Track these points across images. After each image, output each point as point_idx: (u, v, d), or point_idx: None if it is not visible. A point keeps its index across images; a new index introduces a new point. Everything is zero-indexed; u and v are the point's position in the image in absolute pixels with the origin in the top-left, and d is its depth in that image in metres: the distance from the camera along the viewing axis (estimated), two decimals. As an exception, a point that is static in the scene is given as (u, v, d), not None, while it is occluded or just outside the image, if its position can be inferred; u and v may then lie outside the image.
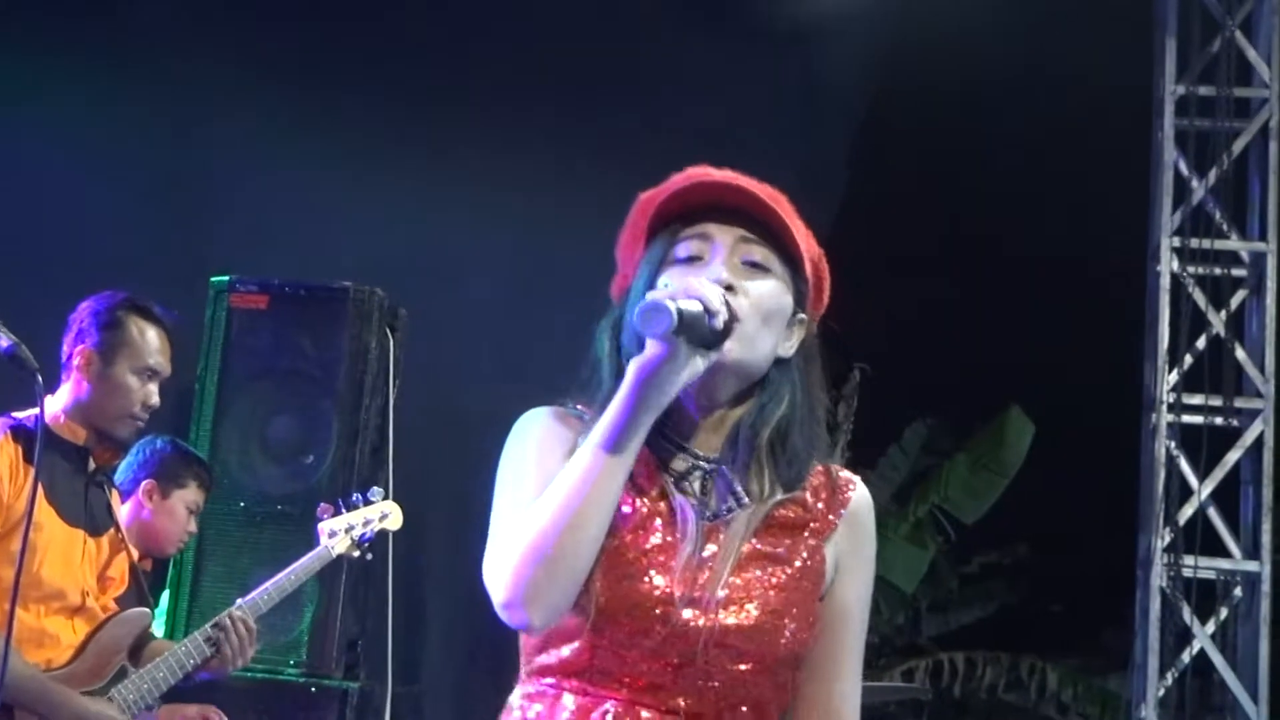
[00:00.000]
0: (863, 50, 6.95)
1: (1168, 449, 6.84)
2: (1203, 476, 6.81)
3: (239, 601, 4.34)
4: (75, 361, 4.03)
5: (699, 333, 1.99)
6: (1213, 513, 6.82)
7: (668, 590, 2.04)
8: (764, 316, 2.09)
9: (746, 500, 2.10)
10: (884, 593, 10.52)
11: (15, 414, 3.95)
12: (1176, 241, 6.95)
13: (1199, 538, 6.77)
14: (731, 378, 2.09)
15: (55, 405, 4.02)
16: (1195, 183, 6.97)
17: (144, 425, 4.15)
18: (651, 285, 2.10)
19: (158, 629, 4.66)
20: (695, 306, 1.98)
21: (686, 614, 2.03)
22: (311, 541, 4.65)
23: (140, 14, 6.21)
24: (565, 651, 2.06)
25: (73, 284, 4.54)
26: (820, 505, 2.15)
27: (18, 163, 6.00)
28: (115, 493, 4.34)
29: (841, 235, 7.04)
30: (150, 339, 4.08)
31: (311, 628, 5.31)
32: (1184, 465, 6.83)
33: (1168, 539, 6.76)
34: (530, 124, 6.29)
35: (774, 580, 2.08)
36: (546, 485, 2.03)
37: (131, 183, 6.16)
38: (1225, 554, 6.82)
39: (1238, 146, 7.01)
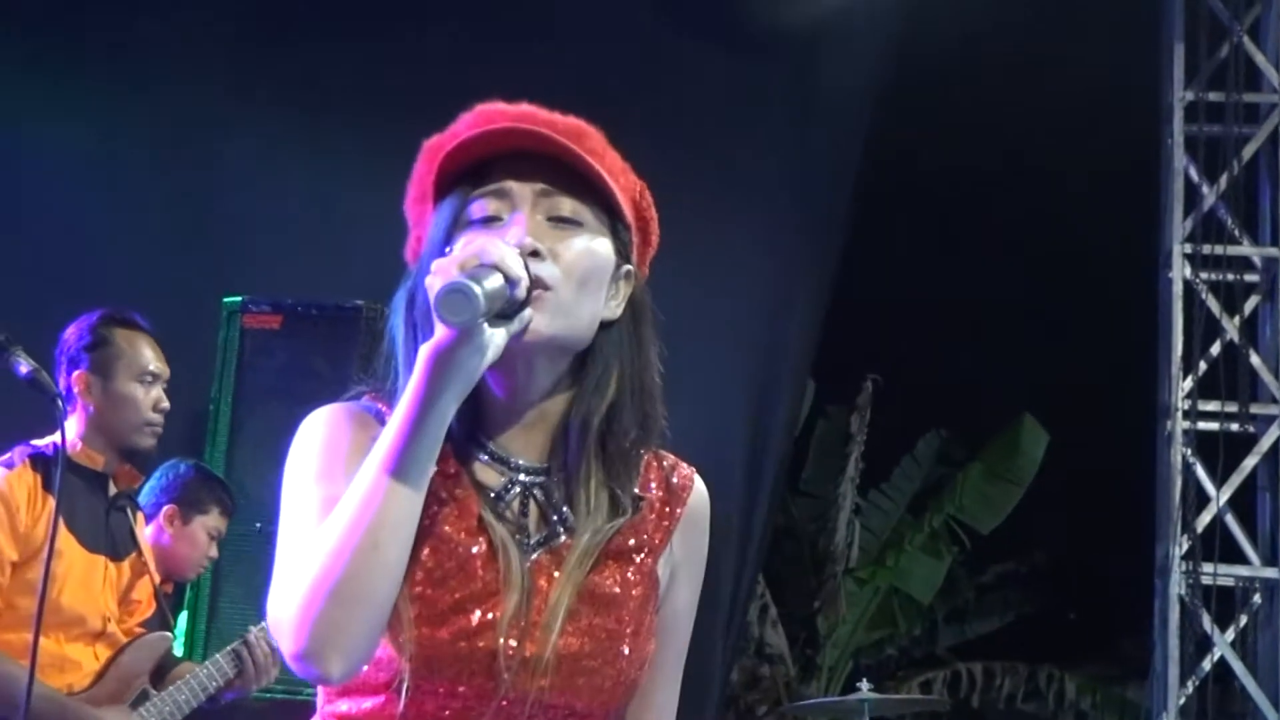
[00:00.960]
0: (865, 61, 6.94)
1: (1184, 456, 6.81)
2: (1220, 483, 6.78)
3: (262, 623, 4.33)
4: (76, 390, 4.03)
5: (501, 307, 1.70)
6: (1230, 520, 6.79)
7: (494, 643, 1.76)
8: (579, 280, 1.78)
9: (572, 519, 1.82)
10: (900, 604, 10.52)
11: (34, 442, 3.96)
12: (1188, 248, 6.93)
13: (1217, 545, 6.74)
14: (546, 358, 1.80)
15: (70, 434, 4.02)
16: (1206, 189, 6.95)
17: (162, 431, 4.15)
18: (443, 251, 1.79)
19: (176, 650, 4.66)
20: (496, 280, 1.68)
21: (518, 662, 1.76)
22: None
23: (149, 33, 6.21)
24: (369, 703, 1.78)
25: (84, 306, 4.53)
26: (655, 517, 1.89)
27: (26, 185, 6.01)
28: (140, 516, 4.34)
29: (848, 248, 7.07)
30: (140, 345, 4.09)
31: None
32: (1200, 472, 6.80)
33: (1185, 547, 6.73)
34: None
35: (610, 628, 1.81)
36: (331, 501, 1.73)
37: (141, 204, 6.17)
38: (1244, 561, 6.79)
39: (1248, 152, 6.99)
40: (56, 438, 3.82)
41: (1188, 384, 6.86)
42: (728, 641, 6.72)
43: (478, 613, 1.76)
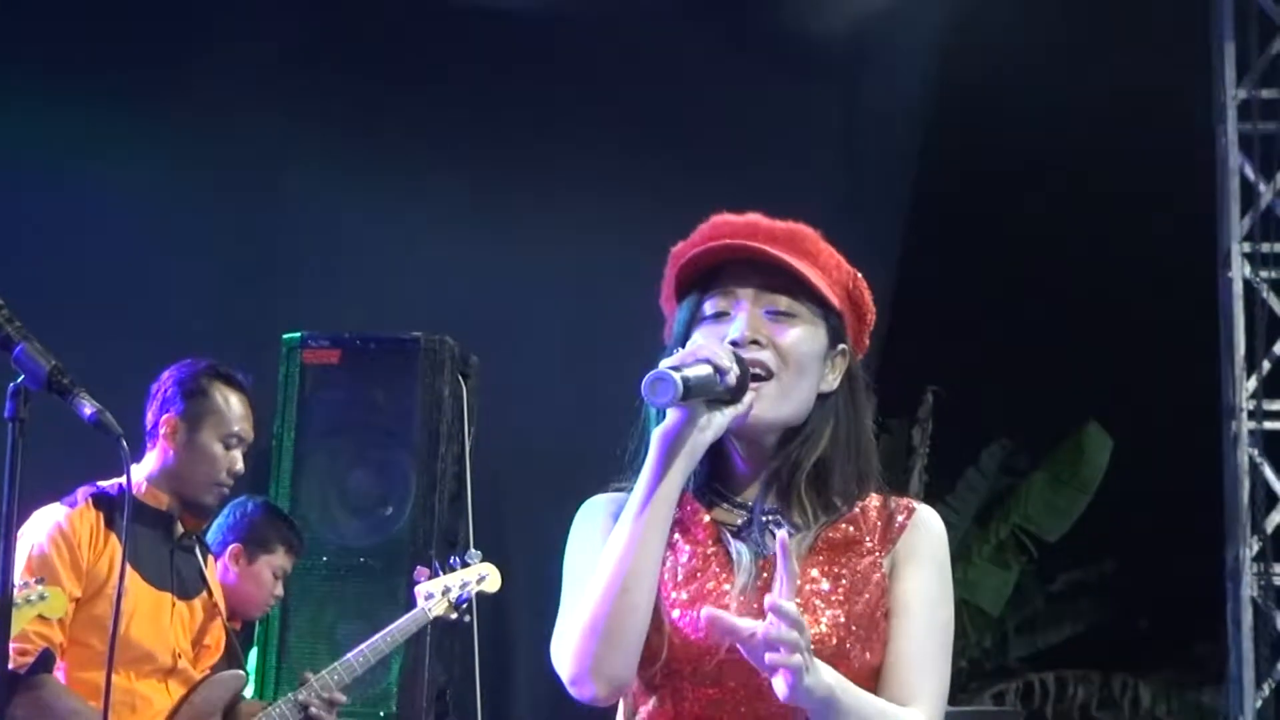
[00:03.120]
0: (914, 70, 6.93)
1: (1250, 457, 6.76)
2: (1288, 483, 6.72)
3: (341, 659, 4.37)
4: (161, 430, 4.06)
5: (712, 393, 2.06)
6: (1300, 519, 6.73)
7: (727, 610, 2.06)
8: (797, 365, 2.15)
9: (794, 532, 2.13)
10: (970, 615, 10.45)
11: (99, 483, 3.99)
12: (1247, 247, 6.89)
13: (1288, 545, 6.68)
14: (768, 431, 2.16)
15: (139, 473, 4.04)
16: (1262, 186, 6.91)
17: (228, 492, 4.18)
18: (684, 344, 2.16)
19: (247, 689, 4.68)
20: (704, 370, 2.04)
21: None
22: (395, 592, 4.66)
23: (206, 71, 6.26)
24: (651, 703, 2.14)
25: (145, 348, 4.59)
26: (876, 527, 2.18)
27: (85, 224, 6.07)
28: (210, 558, 4.36)
29: (906, 260, 7.06)
30: (234, 406, 4.11)
31: (400, 678, 5.32)
32: (1268, 472, 6.74)
33: (1256, 548, 6.67)
34: (591, 168, 6.30)
35: (832, 597, 2.11)
36: None
37: (200, 242, 6.22)
38: (1316, 560, 6.72)
39: (1303, 148, 6.95)
40: (122, 478, 3.85)
41: (1252, 384, 6.81)
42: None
43: (714, 600, 2.09)
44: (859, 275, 2.27)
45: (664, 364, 2.06)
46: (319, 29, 6.44)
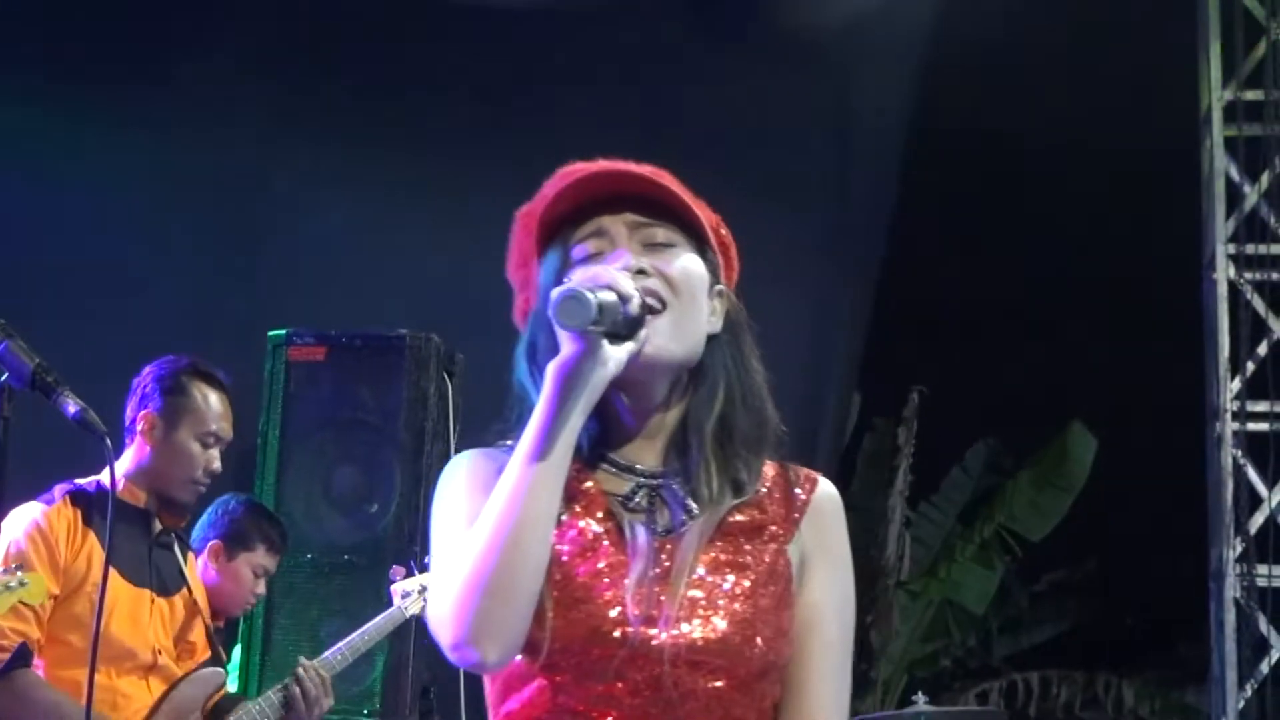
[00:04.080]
0: (900, 71, 6.93)
1: (1234, 458, 6.76)
2: (1272, 484, 6.73)
3: (320, 657, 4.35)
4: (139, 426, 4.05)
5: (616, 322, 1.87)
6: (1284, 520, 6.73)
7: (623, 610, 1.89)
8: (689, 294, 1.97)
9: (697, 510, 1.95)
10: (954, 615, 10.47)
11: (77, 480, 3.98)
12: (1232, 249, 6.89)
13: (1271, 546, 6.68)
14: (662, 375, 1.96)
15: (118, 469, 4.03)
16: (1248, 188, 6.91)
17: (205, 490, 4.17)
18: None
19: (231, 685, 4.67)
20: (608, 294, 1.86)
21: (648, 632, 1.88)
22: (380, 591, 4.64)
23: (192, 68, 6.26)
24: (526, 693, 1.91)
25: (130, 344, 4.57)
26: (779, 508, 2.00)
27: (69, 221, 6.06)
28: (191, 555, 4.35)
29: (891, 258, 7.06)
30: (213, 404, 4.10)
31: (384, 676, 5.31)
32: (1251, 474, 6.75)
33: (1239, 549, 6.68)
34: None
35: (737, 590, 1.92)
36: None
37: (185, 240, 6.21)
38: (1299, 561, 6.73)
39: (1289, 150, 6.95)
40: (102, 476, 3.85)
41: (1236, 385, 6.81)
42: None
43: (608, 587, 1.91)
44: (721, 219, 2.11)
45: (570, 283, 1.88)
46: (306, 27, 6.44)
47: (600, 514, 1.95)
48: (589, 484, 1.97)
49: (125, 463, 4.05)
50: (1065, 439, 10.11)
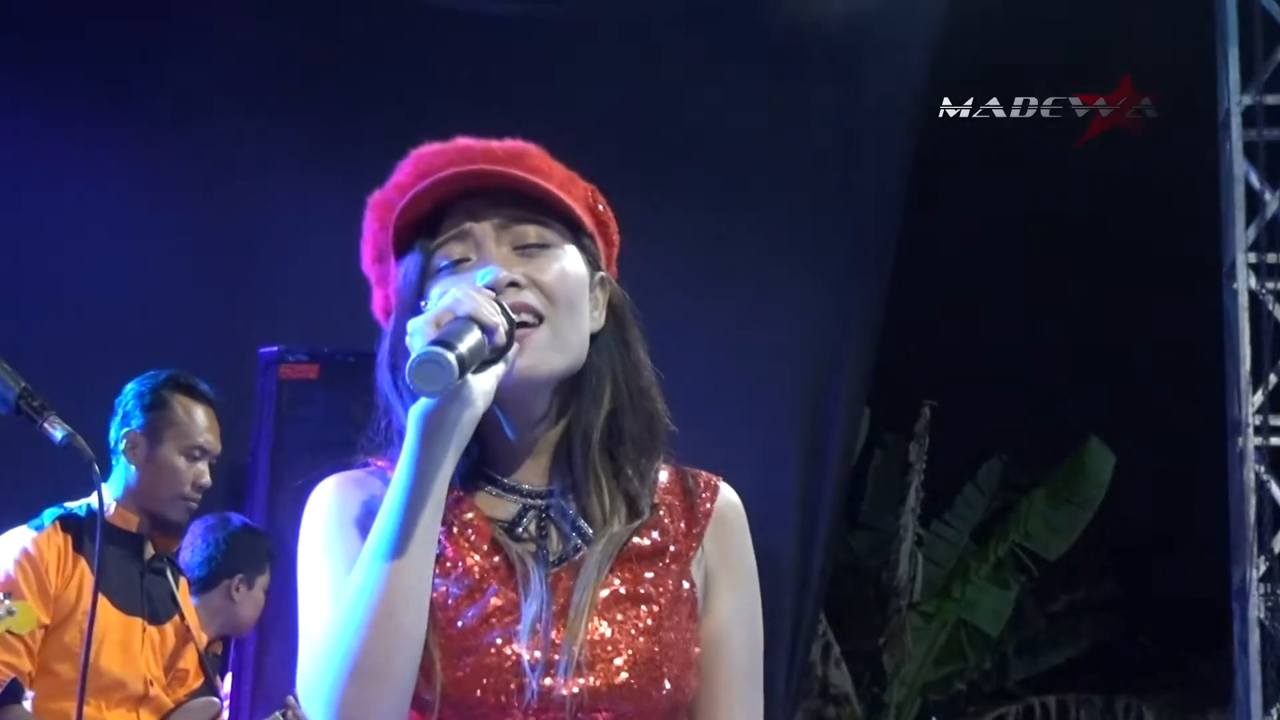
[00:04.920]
0: (908, 77, 6.92)
1: (1257, 474, 6.75)
2: (1295, 501, 6.72)
3: None
4: (122, 446, 4.05)
5: (482, 359, 1.75)
6: (1309, 538, 6.72)
7: (518, 656, 1.78)
8: (567, 303, 1.85)
9: (589, 531, 1.85)
10: (968, 636, 10.46)
11: (67, 504, 3.97)
12: (1253, 257, 6.88)
13: (1295, 564, 6.67)
14: (542, 386, 1.85)
15: (106, 494, 4.02)
16: (1269, 195, 6.90)
17: (196, 506, 4.16)
18: (417, 307, 1.84)
19: (223, 715, 4.66)
20: (473, 335, 1.72)
21: (546, 681, 1.77)
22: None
23: (185, 79, 6.26)
24: None
25: (118, 362, 4.56)
26: (679, 523, 1.90)
27: (56, 234, 6.05)
28: (183, 581, 4.34)
29: (900, 270, 7.05)
30: (197, 417, 4.09)
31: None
32: (1275, 490, 6.73)
33: (1263, 568, 6.66)
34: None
35: (640, 624, 1.82)
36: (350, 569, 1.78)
37: (174, 254, 6.20)
38: (1324, 580, 6.72)
39: (1311, 155, 6.95)
40: (92, 500, 3.84)
41: (1258, 398, 6.80)
42: (790, 684, 6.68)
43: (498, 631, 1.79)
44: (597, 190, 1.99)
45: (417, 334, 1.74)
46: (302, 36, 6.44)
47: (485, 546, 1.83)
48: (470, 513, 1.85)
49: (113, 485, 4.04)
50: (1082, 454, 10.10)
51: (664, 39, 6.72)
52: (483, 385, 1.76)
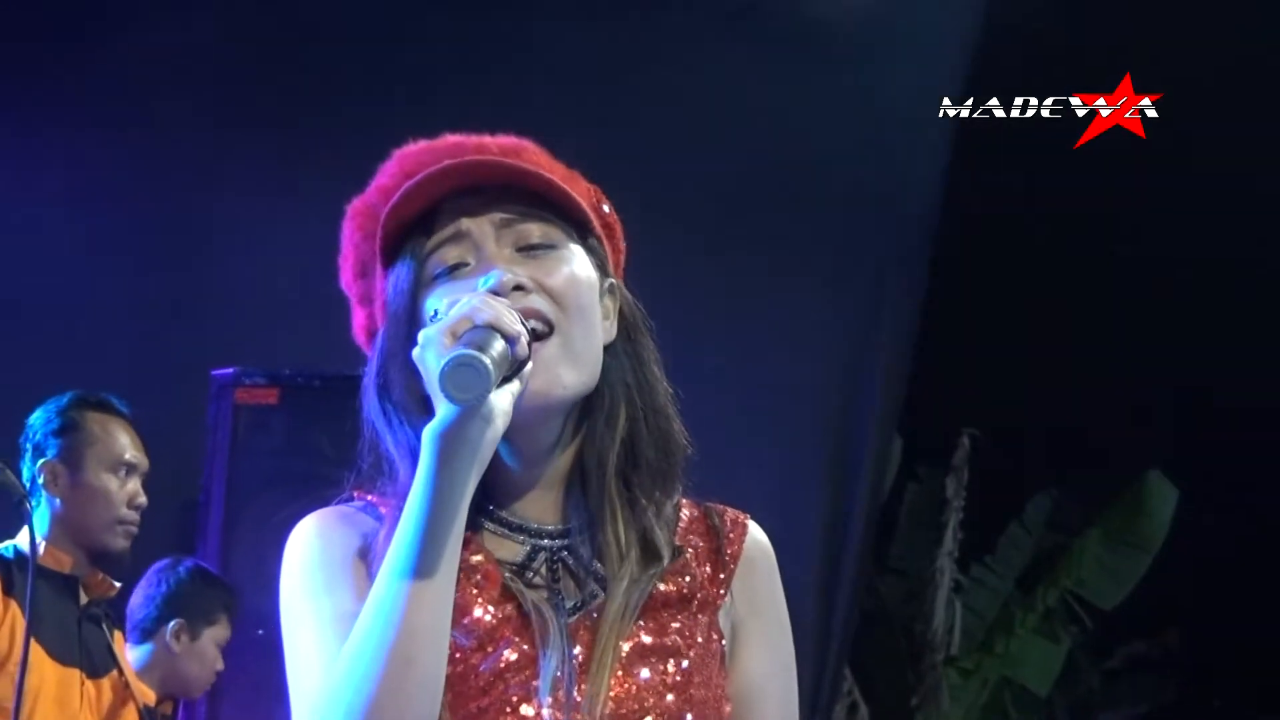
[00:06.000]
0: (948, 60, 6.94)
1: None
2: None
3: None
4: (41, 480, 4.06)
5: (505, 370, 1.75)
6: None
7: (538, 716, 1.78)
8: (579, 310, 1.84)
9: (604, 573, 1.85)
10: (1013, 695, 10.45)
11: (-2, 542, 3.99)
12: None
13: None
14: (557, 408, 1.84)
15: (35, 534, 4.03)
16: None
17: (136, 531, 4.16)
18: (414, 320, 1.85)
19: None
20: (497, 344, 1.71)
21: None
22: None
23: (138, 89, 6.28)
24: None
25: (54, 388, 4.57)
26: (705, 566, 1.91)
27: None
28: (119, 633, 4.34)
29: (938, 285, 7.06)
30: (115, 432, 4.13)
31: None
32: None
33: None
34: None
35: (669, 680, 1.82)
36: (346, 618, 1.78)
37: (115, 269, 6.21)
38: None
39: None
40: (20, 539, 3.85)
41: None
42: (811, 749, 6.68)
43: (515, 689, 1.79)
44: (600, 190, 1.99)
45: (431, 345, 1.74)
46: (259, 26, 6.46)
47: (495, 593, 1.82)
48: (477, 555, 1.83)
49: (40, 524, 4.04)
50: (1141, 490, 10.10)
51: (680, 28, 6.74)
52: (501, 403, 1.74)
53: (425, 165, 1.88)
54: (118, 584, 4.34)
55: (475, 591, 1.81)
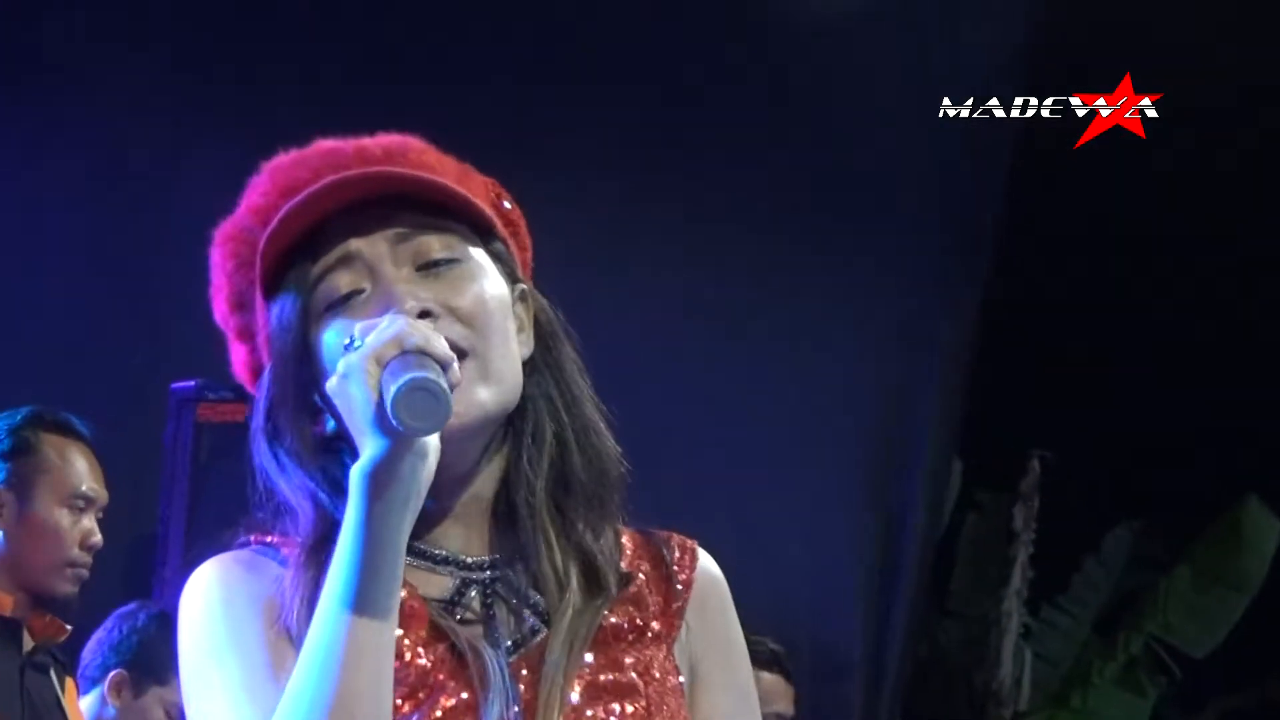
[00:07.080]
0: (1012, 43, 6.95)
1: None
2: None
3: None
4: None
5: None
6: None
7: None
8: (488, 326, 1.88)
9: (543, 604, 1.88)
10: (1093, 757, 10.43)
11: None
12: None
13: None
14: (477, 432, 1.88)
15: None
16: None
17: (87, 575, 4.14)
18: (305, 359, 1.89)
19: None
20: (433, 371, 1.74)
21: None
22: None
23: (69, 60, 6.31)
24: None
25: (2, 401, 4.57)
26: (657, 596, 1.94)
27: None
28: (71, 682, 4.32)
29: (1000, 291, 7.04)
30: (73, 459, 4.11)
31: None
32: None
33: None
34: (544, 192, 6.33)
35: (626, 715, 1.86)
36: (258, 678, 1.80)
37: (63, 271, 6.24)
38: None
39: None
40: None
41: None
42: (860, 815, 6.66)
43: None
44: (497, 182, 2.02)
45: (354, 375, 1.75)
46: (232, 16, 6.50)
47: (424, 632, 1.85)
48: (400, 591, 1.82)
49: (-20, 561, 4.03)
50: (1237, 519, 10.07)
51: (704, 23, 6.77)
52: (433, 437, 1.78)
53: (302, 180, 1.91)
54: (69, 627, 4.31)
55: (400, 632, 1.82)
